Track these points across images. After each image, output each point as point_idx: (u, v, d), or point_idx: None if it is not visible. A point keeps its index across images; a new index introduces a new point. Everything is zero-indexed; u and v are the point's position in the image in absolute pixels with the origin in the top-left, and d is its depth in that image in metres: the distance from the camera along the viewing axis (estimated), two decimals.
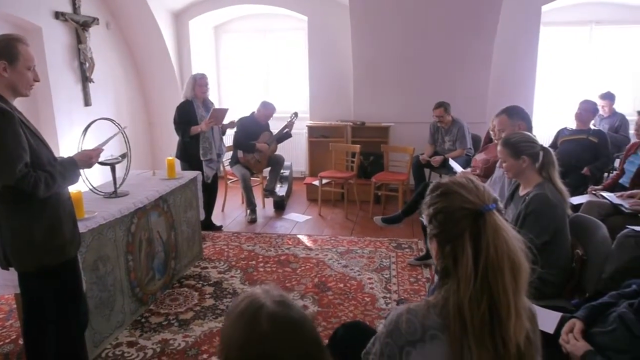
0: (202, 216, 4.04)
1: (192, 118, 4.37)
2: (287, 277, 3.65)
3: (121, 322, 2.88)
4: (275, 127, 5.41)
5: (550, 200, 2.25)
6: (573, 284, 2.33)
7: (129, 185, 3.25)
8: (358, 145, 5.36)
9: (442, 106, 5.11)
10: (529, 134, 2.49)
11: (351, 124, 5.93)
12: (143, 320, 3.03)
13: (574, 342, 1.61)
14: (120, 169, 3.19)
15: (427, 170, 5.39)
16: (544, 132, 5.50)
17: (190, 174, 3.89)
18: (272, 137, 5.29)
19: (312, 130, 6.07)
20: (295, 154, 6.50)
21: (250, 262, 3.93)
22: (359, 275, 3.67)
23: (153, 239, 3.24)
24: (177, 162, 4.49)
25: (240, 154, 5.15)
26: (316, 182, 5.30)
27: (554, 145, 4.77)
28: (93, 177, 3.08)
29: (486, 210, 1.07)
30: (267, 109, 5.30)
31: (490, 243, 1.05)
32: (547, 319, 1.79)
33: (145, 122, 6.60)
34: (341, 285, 3.50)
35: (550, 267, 2.30)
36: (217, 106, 4.95)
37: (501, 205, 1.14)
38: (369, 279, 3.60)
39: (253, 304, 0.94)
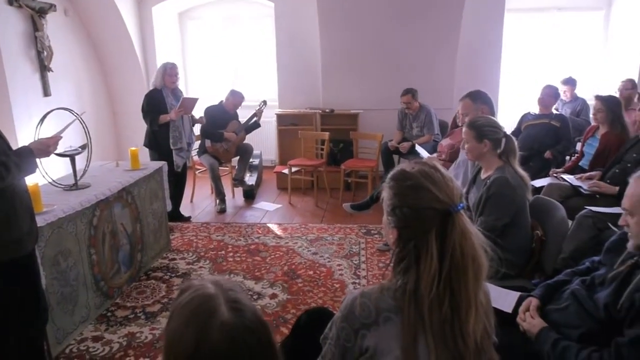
0: (169, 207, 3.98)
1: (161, 107, 4.28)
2: (257, 266, 3.64)
3: (85, 317, 2.81)
4: (244, 116, 5.35)
5: (510, 183, 2.29)
6: (533, 264, 2.40)
7: (91, 177, 3.17)
8: (327, 133, 5.35)
9: (410, 93, 5.14)
10: (494, 119, 2.54)
11: (320, 111, 5.91)
12: (109, 314, 2.97)
13: (530, 320, 1.66)
14: (81, 160, 3.11)
15: (396, 157, 5.43)
16: (509, 117, 5.59)
17: (155, 164, 3.81)
18: (241, 126, 5.23)
19: (281, 118, 6.02)
20: (264, 142, 6.45)
21: (219, 252, 3.90)
22: (328, 262, 3.69)
23: (117, 231, 3.17)
24: (146, 152, 4.43)
25: (208, 143, 5.08)
26: (286, 171, 5.28)
27: (518, 129, 4.87)
28: (53, 170, 2.99)
29: (455, 211, 1.06)
30: (236, 98, 5.23)
31: (457, 245, 1.04)
32: (506, 299, 1.84)
33: (109, 112, 6.42)
34: (311, 272, 3.52)
35: (511, 248, 2.35)
36: (185, 95, 4.86)
37: (464, 201, 1.14)
38: (339, 265, 3.62)
39: (205, 306, 0.85)
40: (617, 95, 5.19)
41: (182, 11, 6.70)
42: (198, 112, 4.83)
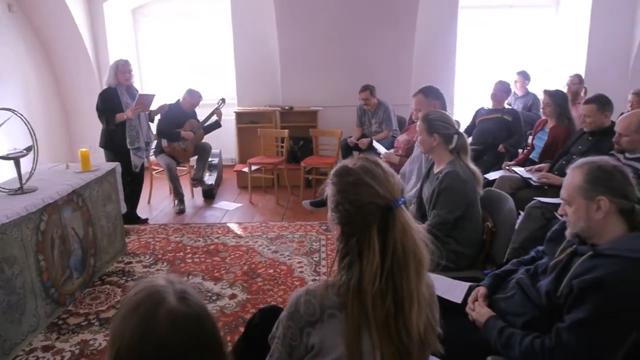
0: (124, 209, 3.86)
1: (116, 105, 4.15)
2: (216, 266, 3.59)
3: (35, 326, 2.70)
4: (202, 114, 5.26)
5: (461, 177, 2.35)
6: (485, 255, 2.47)
7: (38, 181, 3.04)
8: (286, 130, 5.34)
9: (368, 89, 5.19)
10: (449, 116, 2.58)
11: (279, 109, 5.88)
12: (60, 322, 2.86)
13: (478, 309, 1.70)
14: (28, 163, 2.97)
15: (356, 153, 5.47)
16: (465, 112, 5.74)
17: (108, 165, 3.69)
18: (199, 125, 5.14)
19: (240, 116, 5.96)
20: (224, 141, 6.36)
21: (177, 254, 3.82)
22: (289, 259, 3.68)
23: (68, 236, 3.05)
24: (102, 153, 4.29)
25: (164, 143, 4.97)
26: (246, 169, 5.23)
27: (472, 124, 5.01)
28: None
29: (396, 206, 1.07)
30: (193, 97, 5.14)
31: (398, 240, 1.05)
32: (456, 290, 1.88)
33: (60, 112, 6.19)
34: (271, 271, 3.50)
35: (463, 240, 2.42)
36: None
37: (406, 195, 1.15)
38: (299, 263, 3.62)
39: (152, 298, 0.87)
40: (565, 89, 5.42)
41: (136, 7, 6.52)
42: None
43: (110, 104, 4.15)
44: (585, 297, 1.37)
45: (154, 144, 4.83)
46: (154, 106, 4.49)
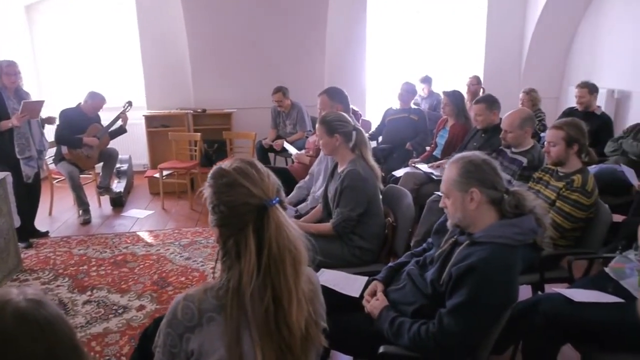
0: (17, 223, 3.57)
1: (1, 111, 3.80)
2: (124, 278, 3.42)
3: None
4: (107, 118, 4.99)
5: (362, 175, 2.43)
6: (387, 249, 2.57)
7: None
8: (199, 134, 5.21)
9: (280, 91, 5.21)
10: (343, 114, 2.65)
11: (192, 111, 5.74)
12: None
13: (373, 301, 1.77)
14: None
15: (272, 155, 5.48)
16: (376, 112, 5.94)
17: None
18: (103, 130, 4.86)
19: (150, 120, 5.72)
20: (133, 146, 6.07)
21: (81, 268, 3.60)
22: (202, 266, 3.60)
23: None
24: None
25: (65, 150, 4.64)
26: (157, 175, 5.04)
27: (382, 123, 5.20)
28: None
29: (270, 205, 1.08)
30: (95, 100, 4.84)
31: (273, 238, 1.06)
32: (354, 284, 1.94)
33: None
34: (182, 278, 3.40)
35: (367, 236, 2.51)
36: (35, 97, 4.39)
37: (283, 193, 1.17)
38: (212, 268, 3.55)
39: (1, 299, 0.84)
40: (466, 90, 5.80)
41: (30, 4, 6.04)
42: (53, 115, 4.40)
43: None
44: (461, 283, 1.48)
45: (49, 152, 4.49)
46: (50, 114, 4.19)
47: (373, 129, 5.46)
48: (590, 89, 4.51)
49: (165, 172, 5.02)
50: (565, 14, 6.22)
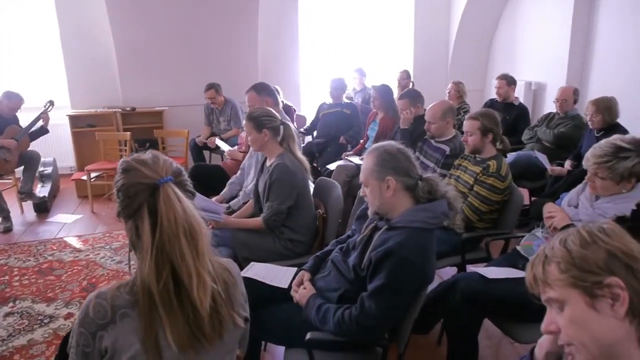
0: None
1: None
2: (49, 286, 3.26)
3: None
4: (27, 119, 4.70)
5: (290, 169, 2.46)
6: (319, 240, 2.63)
7: None
8: (128, 133, 5.02)
9: (213, 87, 5.14)
10: (270, 109, 2.67)
11: (120, 110, 5.52)
12: None
13: (300, 290, 1.81)
14: None
15: (207, 152, 5.39)
16: (310, 107, 6.00)
17: None
18: (22, 131, 4.58)
19: (74, 119, 5.45)
20: (58, 147, 5.78)
21: (2, 278, 3.39)
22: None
23: None
24: None
25: None
26: (85, 177, 4.82)
27: (317, 118, 5.26)
28: None
29: (161, 183, 1.08)
30: (12, 100, 4.55)
31: (164, 214, 1.06)
32: (283, 276, 1.98)
33: None
34: (114, 282, 3.28)
35: (298, 228, 2.55)
36: None
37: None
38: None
39: None
40: (397, 84, 5.99)
41: None
42: None
43: None
44: (380, 266, 1.55)
45: None
46: None
47: (308, 123, 5.52)
48: (508, 80, 4.80)
49: (93, 174, 4.81)
50: (484, 13, 6.59)
